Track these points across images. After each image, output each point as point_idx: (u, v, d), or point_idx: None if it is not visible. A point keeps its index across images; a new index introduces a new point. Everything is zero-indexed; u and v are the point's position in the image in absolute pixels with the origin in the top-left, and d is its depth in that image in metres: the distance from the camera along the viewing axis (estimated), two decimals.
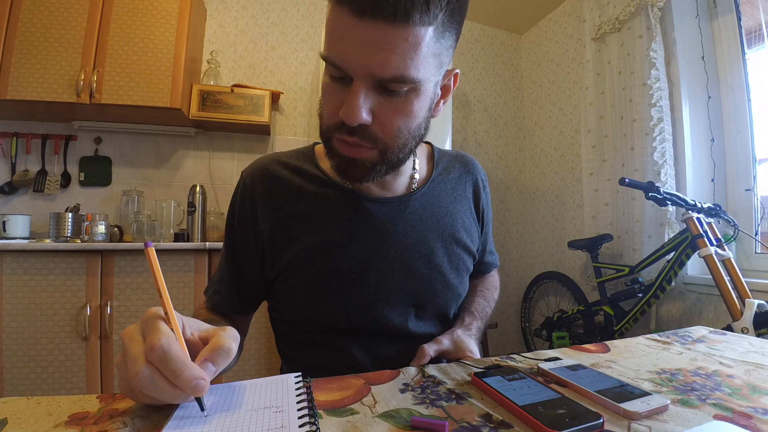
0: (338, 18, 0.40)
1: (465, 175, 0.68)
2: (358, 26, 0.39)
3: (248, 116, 1.94)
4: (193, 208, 1.81)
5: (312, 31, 2.33)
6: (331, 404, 0.36)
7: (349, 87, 0.43)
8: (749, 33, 1.63)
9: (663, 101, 1.65)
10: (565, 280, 2.14)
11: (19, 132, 1.87)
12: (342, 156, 0.47)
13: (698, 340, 0.60)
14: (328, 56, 0.42)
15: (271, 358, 1.67)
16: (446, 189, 0.65)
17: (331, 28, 0.41)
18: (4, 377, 1.37)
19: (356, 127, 0.44)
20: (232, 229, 0.61)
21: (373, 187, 0.58)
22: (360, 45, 0.39)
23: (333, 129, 0.46)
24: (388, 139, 0.46)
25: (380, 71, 0.40)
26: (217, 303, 0.62)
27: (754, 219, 1.57)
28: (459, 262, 0.63)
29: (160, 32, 1.76)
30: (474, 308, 0.66)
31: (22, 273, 1.40)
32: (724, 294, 1.26)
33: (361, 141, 0.45)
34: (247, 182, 0.60)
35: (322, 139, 0.50)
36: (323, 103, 0.48)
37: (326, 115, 0.47)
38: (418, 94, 0.45)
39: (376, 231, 0.57)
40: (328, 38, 0.42)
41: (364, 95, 0.42)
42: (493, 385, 0.39)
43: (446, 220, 0.62)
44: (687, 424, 0.33)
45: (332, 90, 0.45)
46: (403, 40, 0.39)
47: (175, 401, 0.33)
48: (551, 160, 2.49)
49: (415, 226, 0.59)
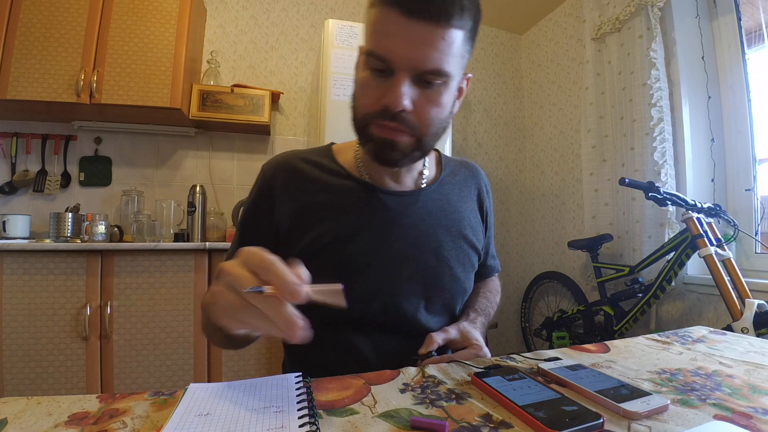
0: (386, 17, 0.46)
1: (470, 179, 0.72)
2: (405, 25, 0.45)
3: (248, 116, 1.94)
4: (193, 208, 1.81)
5: (312, 31, 2.33)
6: (331, 404, 0.36)
7: (390, 79, 0.48)
8: (749, 33, 1.63)
9: (663, 101, 1.65)
10: (565, 280, 2.14)
11: (19, 132, 1.87)
12: (381, 139, 0.52)
13: (698, 340, 0.60)
14: (375, 50, 0.48)
15: (271, 358, 1.67)
16: (453, 189, 0.68)
17: (378, 26, 0.48)
18: (4, 377, 1.37)
19: (397, 113, 0.49)
20: (246, 220, 0.62)
21: (387, 181, 0.62)
22: (406, 41, 0.46)
23: (372, 116, 0.51)
24: (423, 127, 0.52)
25: (422, 64, 0.47)
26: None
27: (754, 219, 1.57)
28: (465, 257, 0.65)
29: (160, 32, 1.76)
30: (477, 306, 0.69)
31: (22, 273, 1.40)
32: (724, 294, 1.26)
33: (400, 126, 0.50)
34: (267, 174, 0.62)
35: (358, 128, 0.55)
36: (361, 94, 0.53)
37: (365, 105, 0.52)
38: (448, 88, 0.51)
39: (389, 221, 0.60)
40: (373, 35, 0.48)
41: (407, 85, 0.48)
42: (493, 385, 0.39)
43: (454, 216, 0.65)
44: (687, 424, 0.33)
45: (372, 82, 0.50)
46: (441, 38, 0.46)
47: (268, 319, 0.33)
48: (551, 160, 2.49)
49: (425, 220, 0.62)
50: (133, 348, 1.50)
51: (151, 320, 1.53)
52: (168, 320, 1.54)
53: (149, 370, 1.51)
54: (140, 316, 1.52)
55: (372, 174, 0.62)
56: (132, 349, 1.50)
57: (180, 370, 1.55)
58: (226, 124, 1.97)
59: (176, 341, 1.55)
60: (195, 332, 1.57)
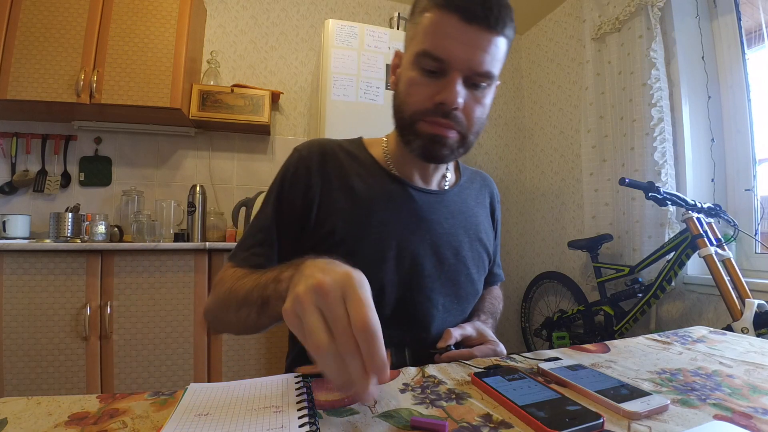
0: (446, 22, 0.50)
1: (485, 187, 0.77)
2: (464, 30, 0.49)
3: (248, 116, 1.94)
4: (193, 208, 1.81)
5: (312, 31, 2.33)
6: (331, 404, 0.36)
7: (443, 79, 0.52)
8: (749, 33, 1.63)
9: (663, 101, 1.65)
10: (565, 280, 2.14)
11: (19, 132, 1.87)
12: (430, 135, 0.55)
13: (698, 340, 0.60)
14: (431, 51, 0.51)
15: (271, 358, 1.67)
16: (471, 195, 0.73)
17: (436, 29, 0.51)
18: (4, 377, 1.37)
19: (450, 111, 0.52)
20: (280, 194, 0.62)
21: (415, 178, 0.65)
22: (465, 44, 0.50)
23: (423, 113, 0.54)
24: (470, 125, 0.55)
25: (477, 66, 0.51)
26: (258, 264, 0.59)
27: (754, 219, 1.57)
28: (480, 260, 0.69)
29: (160, 32, 1.76)
30: (486, 309, 0.72)
31: (22, 273, 1.40)
32: (724, 294, 1.26)
33: (451, 123, 0.54)
34: (303, 153, 0.63)
35: (405, 125, 0.57)
36: (410, 92, 0.55)
37: (415, 102, 0.54)
38: (490, 90, 0.56)
39: (416, 216, 0.62)
40: (429, 37, 0.51)
41: (460, 85, 0.52)
42: (493, 385, 0.39)
43: (472, 220, 0.69)
44: (687, 424, 0.33)
45: (423, 81, 0.53)
46: (494, 45, 0.51)
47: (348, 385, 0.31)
48: (551, 160, 2.49)
49: (448, 219, 0.65)
50: (133, 348, 1.50)
51: (151, 320, 1.53)
52: (168, 320, 1.54)
53: (149, 370, 1.51)
54: (140, 316, 1.52)
55: (401, 170, 0.65)
56: (132, 349, 1.50)
57: (180, 370, 1.55)
58: (226, 124, 1.97)
59: (176, 341, 1.55)
60: (195, 332, 1.57)
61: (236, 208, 1.95)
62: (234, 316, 0.52)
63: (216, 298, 0.56)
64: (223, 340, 1.61)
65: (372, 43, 1.73)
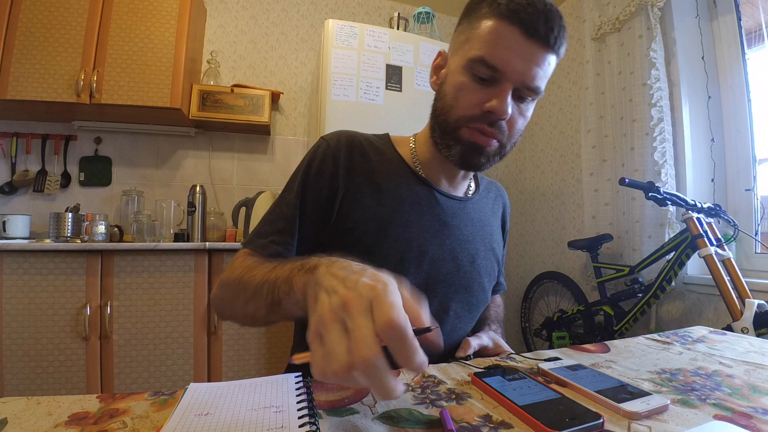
0: (507, 33, 0.50)
1: (499, 198, 0.78)
2: (524, 43, 0.50)
3: (248, 116, 1.94)
4: (193, 208, 1.81)
5: (312, 31, 2.33)
6: (331, 404, 0.36)
7: (494, 88, 0.52)
8: (749, 33, 1.63)
9: (663, 101, 1.65)
10: (565, 280, 2.13)
11: (19, 132, 1.87)
12: (472, 143, 0.55)
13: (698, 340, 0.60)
14: (489, 59, 0.51)
15: (271, 358, 1.67)
16: (488, 204, 0.73)
17: (497, 38, 0.51)
18: (4, 377, 1.37)
19: (497, 120, 0.53)
20: (305, 182, 0.60)
21: (443, 182, 0.65)
22: (522, 57, 0.50)
23: (469, 120, 0.54)
24: (510, 135, 0.56)
25: (529, 81, 0.51)
26: (277, 252, 0.57)
27: (754, 219, 1.57)
28: (491, 269, 0.70)
29: (160, 32, 1.76)
30: (495, 318, 0.74)
31: (22, 273, 1.40)
32: (724, 294, 1.25)
33: (495, 132, 0.54)
34: (331, 143, 0.61)
35: (447, 129, 0.56)
36: (458, 97, 0.55)
37: (463, 107, 0.54)
38: (534, 105, 0.57)
39: (439, 221, 0.62)
40: (490, 45, 0.51)
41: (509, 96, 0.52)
42: (493, 385, 0.39)
43: (487, 229, 0.70)
44: (687, 424, 0.33)
45: (472, 87, 0.53)
46: (547, 61, 0.52)
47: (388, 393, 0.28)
48: (551, 160, 2.49)
49: (468, 227, 0.66)
50: (133, 348, 1.50)
51: (151, 320, 1.53)
52: (168, 320, 1.54)
53: (149, 370, 1.51)
54: (140, 316, 1.52)
55: (428, 172, 0.64)
56: (132, 349, 1.50)
57: (180, 370, 1.55)
58: (226, 124, 1.97)
59: (176, 341, 1.55)
60: (195, 332, 1.57)
61: (236, 208, 1.95)
62: (241, 308, 0.50)
63: (225, 286, 0.54)
64: (223, 340, 1.61)
65: (372, 43, 1.73)
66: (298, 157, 2.27)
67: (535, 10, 0.49)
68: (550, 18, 0.50)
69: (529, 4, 0.49)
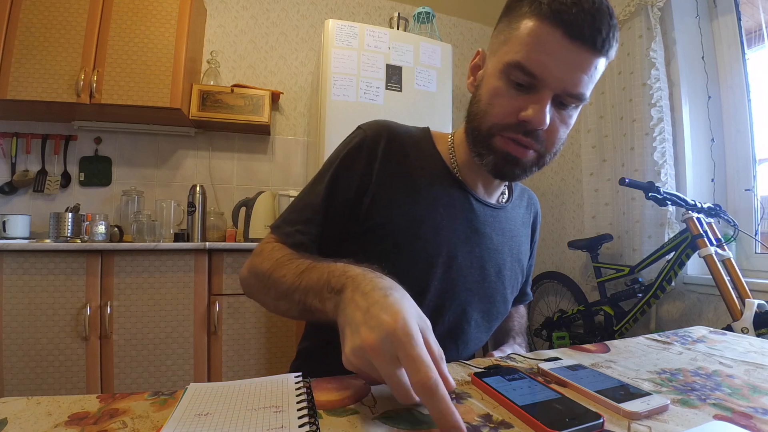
0: (548, 35, 0.45)
1: (531, 206, 0.74)
2: (567, 47, 0.45)
3: (248, 116, 1.94)
4: (193, 208, 1.81)
5: (312, 31, 2.33)
6: (331, 404, 0.36)
7: (532, 95, 0.48)
8: (749, 33, 1.63)
9: (663, 101, 1.65)
10: (565, 280, 2.13)
11: (19, 132, 1.87)
12: (506, 154, 0.51)
13: (698, 340, 0.60)
14: (527, 65, 0.46)
15: (271, 358, 1.67)
16: (519, 213, 0.70)
17: (537, 42, 0.46)
18: (4, 377, 1.37)
19: (533, 130, 0.49)
20: (337, 173, 0.58)
21: (479, 187, 0.62)
22: (564, 63, 0.46)
23: (503, 128, 0.50)
24: (549, 145, 0.52)
25: (572, 87, 0.47)
26: (300, 242, 0.56)
27: (754, 219, 1.57)
28: (515, 282, 0.68)
29: (160, 32, 1.76)
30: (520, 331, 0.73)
31: (22, 273, 1.40)
32: (724, 294, 1.25)
33: (532, 142, 0.50)
34: (369, 133, 0.59)
35: (480, 137, 0.53)
36: (493, 103, 0.51)
37: (497, 114, 0.50)
38: (578, 111, 0.52)
39: (471, 226, 0.60)
40: (528, 49, 0.46)
41: (549, 104, 0.48)
42: (493, 385, 0.39)
43: (516, 240, 0.67)
44: (687, 424, 0.33)
45: (509, 94, 0.49)
46: (594, 66, 0.47)
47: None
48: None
49: (498, 236, 0.64)
50: (133, 348, 1.50)
51: (151, 320, 1.53)
52: (168, 320, 1.54)
53: (149, 370, 1.51)
54: (140, 316, 1.52)
55: (465, 175, 0.61)
56: (132, 349, 1.50)
57: (180, 370, 1.55)
58: (226, 124, 1.97)
59: (176, 341, 1.55)
60: (195, 332, 1.57)
61: (236, 208, 1.95)
62: (272, 302, 0.52)
63: (255, 275, 0.54)
64: (223, 340, 1.61)
65: (372, 43, 1.73)
66: (298, 157, 2.27)
67: (580, 10, 0.44)
68: (597, 18, 0.45)
69: (574, 3, 0.44)
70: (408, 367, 0.29)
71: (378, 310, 0.32)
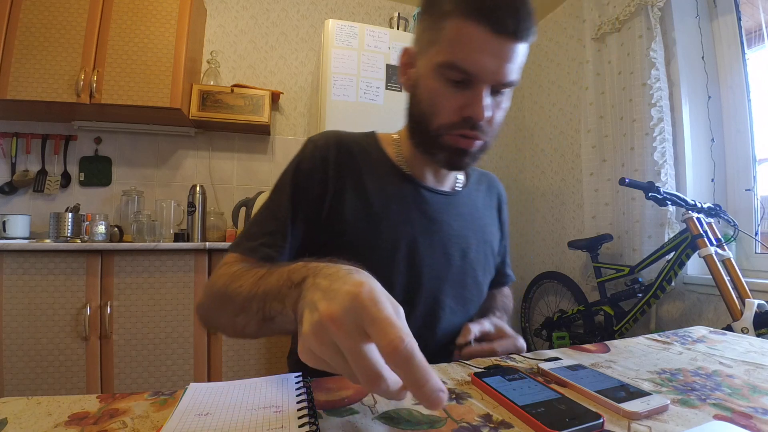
0: (475, 33, 0.47)
1: (492, 189, 0.77)
2: (494, 42, 0.47)
3: (248, 116, 1.94)
4: (193, 208, 1.81)
5: (312, 31, 2.33)
6: (331, 404, 0.36)
7: (469, 90, 0.50)
8: (749, 33, 1.63)
9: (663, 101, 1.65)
10: (565, 280, 2.13)
11: (19, 132, 1.87)
12: (456, 148, 0.54)
13: (698, 340, 0.60)
14: (461, 64, 0.49)
15: (271, 358, 1.67)
16: (479, 197, 0.72)
17: (466, 41, 0.48)
18: (4, 377, 1.37)
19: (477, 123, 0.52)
20: (296, 183, 0.59)
21: (429, 178, 0.64)
22: (494, 56, 0.48)
23: (449, 127, 0.53)
24: (491, 131, 0.55)
25: (504, 77, 0.50)
26: (267, 256, 0.55)
27: (754, 219, 1.57)
28: (486, 262, 0.69)
29: (160, 32, 1.76)
30: (500, 306, 0.73)
31: (22, 273, 1.40)
32: (724, 294, 1.25)
33: (477, 134, 0.53)
34: (319, 144, 0.61)
35: (430, 137, 0.55)
36: (434, 104, 0.53)
37: (441, 115, 0.53)
38: (510, 92, 0.55)
39: (426, 216, 0.62)
40: (459, 48, 0.49)
41: (488, 96, 0.51)
42: (493, 385, 0.39)
43: (480, 222, 0.69)
44: (687, 424, 0.33)
45: (447, 92, 0.51)
46: (520, 53, 0.50)
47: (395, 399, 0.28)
48: (551, 160, 2.49)
49: (458, 221, 0.65)
50: (133, 348, 1.50)
51: (151, 320, 1.53)
52: (168, 320, 1.54)
53: (149, 370, 1.51)
54: (140, 316, 1.52)
55: (414, 169, 0.64)
56: (132, 349, 1.50)
57: (180, 370, 1.55)
58: (226, 124, 1.97)
59: (176, 341, 1.55)
60: (195, 332, 1.57)
61: (236, 208, 1.95)
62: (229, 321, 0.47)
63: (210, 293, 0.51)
64: (223, 340, 1.61)
65: (372, 43, 1.73)
66: None
67: (501, 4, 0.46)
68: (518, 10, 0.47)
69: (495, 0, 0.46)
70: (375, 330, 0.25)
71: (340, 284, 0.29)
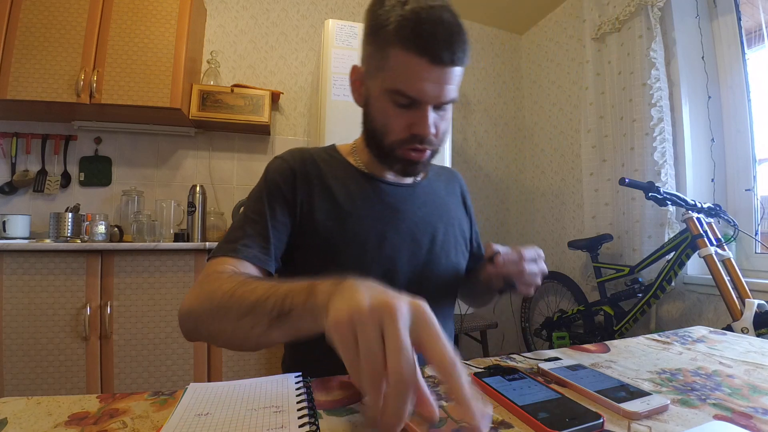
0: (416, 65, 0.54)
1: (453, 180, 0.84)
2: (433, 71, 0.54)
3: (248, 116, 1.94)
4: (193, 208, 1.81)
5: (312, 31, 2.33)
6: (331, 404, 0.36)
7: (416, 110, 0.57)
8: (749, 33, 1.63)
9: (663, 101, 1.65)
10: (565, 280, 2.13)
11: (19, 132, 1.87)
12: (409, 161, 0.61)
13: (698, 340, 0.60)
14: (406, 91, 0.55)
15: (271, 358, 1.67)
16: (440, 186, 0.78)
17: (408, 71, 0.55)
18: (4, 377, 1.37)
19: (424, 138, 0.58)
20: (270, 192, 0.64)
21: (388, 175, 0.69)
22: (435, 82, 0.55)
23: (401, 143, 0.60)
24: (439, 142, 0.62)
25: (444, 98, 0.57)
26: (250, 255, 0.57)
27: (754, 219, 1.57)
28: (457, 244, 0.74)
29: (160, 32, 1.76)
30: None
31: (22, 273, 1.40)
32: (724, 294, 1.26)
33: (426, 147, 0.60)
34: (285, 157, 0.68)
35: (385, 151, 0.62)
36: (385, 124, 0.60)
37: (395, 132, 0.60)
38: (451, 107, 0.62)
39: (391, 208, 0.67)
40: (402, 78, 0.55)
41: (432, 115, 0.57)
42: (493, 385, 0.39)
43: (444, 208, 0.75)
44: (687, 424, 0.33)
45: (398, 114, 0.58)
46: (457, 75, 0.57)
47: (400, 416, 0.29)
48: (551, 160, 2.49)
49: (421, 209, 0.70)
50: (133, 348, 1.50)
51: (151, 320, 1.53)
52: (168, 320, 1.54)
53: (149, 370, 1.51)
54: (140, 316, 1.52)
55: (372, 169, 0.69)
56: (132, 349, 1.50)
57: (180, 370, 1.55)
58: (226, 124, 1.97)
59: (176, 341, 1.55)
60: None
61: (236, 208, 1.95)
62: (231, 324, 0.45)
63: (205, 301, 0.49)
64: None
65: None
66: None
67: (438, 40, 0.52)
68: (452, 42, 0.53)
69: (431, 35, 0.52)
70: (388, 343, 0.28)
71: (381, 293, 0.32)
